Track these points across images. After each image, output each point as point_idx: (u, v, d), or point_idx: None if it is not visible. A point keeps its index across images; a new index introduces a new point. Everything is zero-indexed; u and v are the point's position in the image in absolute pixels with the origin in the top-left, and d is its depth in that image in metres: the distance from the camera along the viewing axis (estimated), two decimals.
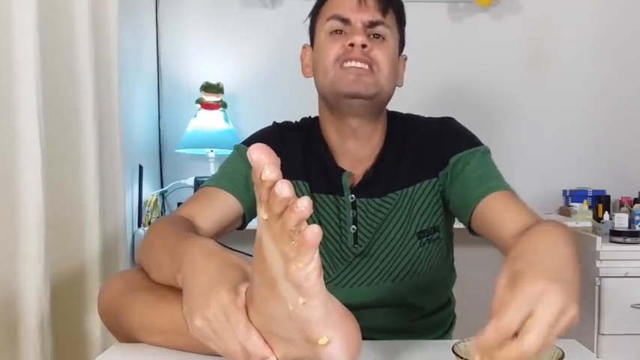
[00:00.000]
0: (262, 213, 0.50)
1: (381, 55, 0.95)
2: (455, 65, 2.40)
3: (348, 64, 0.93)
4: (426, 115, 1.10)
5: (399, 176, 1.01)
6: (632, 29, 2.44)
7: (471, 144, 1.01)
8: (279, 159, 0.48)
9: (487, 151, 1.02)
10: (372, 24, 0.95)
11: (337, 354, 0.53)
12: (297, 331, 0.53)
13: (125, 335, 0.77)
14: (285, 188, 0.46)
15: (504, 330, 0.51)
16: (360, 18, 0.95)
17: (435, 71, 2.32)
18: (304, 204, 0.46)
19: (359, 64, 0.93)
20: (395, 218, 1.00)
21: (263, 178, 0.47)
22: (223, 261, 0.64)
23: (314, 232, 0.46)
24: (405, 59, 1.06)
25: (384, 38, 0.97)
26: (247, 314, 0.57)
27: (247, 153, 0.47)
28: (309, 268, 0.48)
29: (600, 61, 2.44)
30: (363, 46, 0.93)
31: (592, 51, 2.44)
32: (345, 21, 0.95)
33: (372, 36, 0.96)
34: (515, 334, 0.52)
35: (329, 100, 0.99)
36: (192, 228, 0.89)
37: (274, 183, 0.46)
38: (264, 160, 0.47)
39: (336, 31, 0.96)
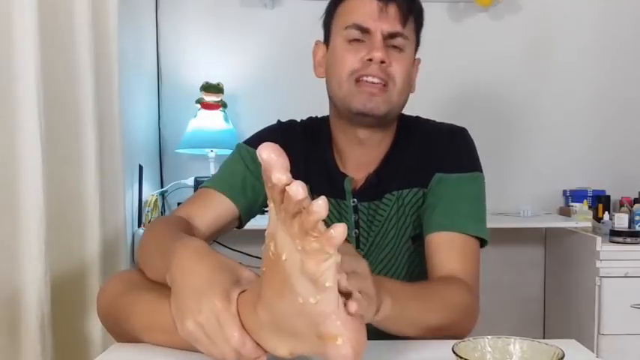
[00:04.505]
0: (276, 212, 0.50)
1: (398, 69, 0.93)
2: (454, 65, 2.40)
3: (364, 79, 0.92)
4: (428, 117, 1.09)
5: (396, 179, 1.00)
6: (632, 29, 2.44)
7: (463, 167, 0.99)
8: (287, 159, 0.48)
9: (475, 179, 0.99)
10: (392, 35, 0.93)
11: (346, 350, 0.54)
12: (308, 326, 0.53)
13: (126, 336, 0.77)
14: (299, 191, 0.46)
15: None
16: (380, 28, 0.92)
17: (434, 71, 2.31)
18: (321, 206, 0.46)
19: (376, 80, 0.92)
20: (392, 221, 1.00)
21: (274, 181, 0.47)
22: (213, 263, 0.64)
23: (339, 232, 0.47)
24: (419, 62, 1.04)
25: (401, 49, 0.94)
26: (241, 318, 0.59)
27: (257, 152, 0.47)
28: (329, 263, 0.49)
29: (600, 61, 2.44)
30: (382, 62, 0.91)
31: (592, 51, 2.44)
32: (365, 30, 0.92)
33: (390, 46, 0.93)
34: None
35: (340, 110, 0.98)
36: (188, 228, 0.90)
37: (286, 185, 0.47)
38: (273, 160, 0.47)
39: (354, 39, 0.94)
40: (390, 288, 0.70)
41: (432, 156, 1.00)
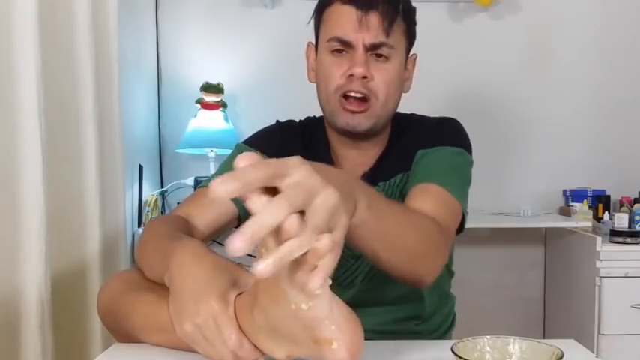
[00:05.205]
0: None
1: (381, 82, 0.93)
2: (454, 65, 2.40)
3: (349, 94, 0.93)
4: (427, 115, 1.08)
5: (384, 170, 1.01)
6: (632, 29, 2.44)
7: (447, 142, 0.98)
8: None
9: (460, 154, 0.98)
10: (375, 46, 0.92)
11: (342, 354, 0.54)
12: (303, 331, 0.54)
13: (125, 335, 0.77)
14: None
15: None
16: (361, 39, 0.91)
17: (434, 71, 2.32)
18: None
19: (358, 95, 0.92)
20: None
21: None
22: (211, 265, 0.64)
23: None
24: (415, 58, 1.03)
25: (387, 58, 0.93)
26: (238, 319, 0.59)
27: (234, 164, 0.45)
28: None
29: (600, 60, 2.44)
30: (364, 77, 0.91)
31: (592, 50, 2.44)
32: (347, 43, 0.92)
33: (374, 56, 0.93)
34: None
35: (329, 122, 1.00)
36: (187, 228, 0.90)
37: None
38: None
39: (337, 49, 0.94)
40: (367, 191, 0.65)
41: (418, 141, 0.99)
